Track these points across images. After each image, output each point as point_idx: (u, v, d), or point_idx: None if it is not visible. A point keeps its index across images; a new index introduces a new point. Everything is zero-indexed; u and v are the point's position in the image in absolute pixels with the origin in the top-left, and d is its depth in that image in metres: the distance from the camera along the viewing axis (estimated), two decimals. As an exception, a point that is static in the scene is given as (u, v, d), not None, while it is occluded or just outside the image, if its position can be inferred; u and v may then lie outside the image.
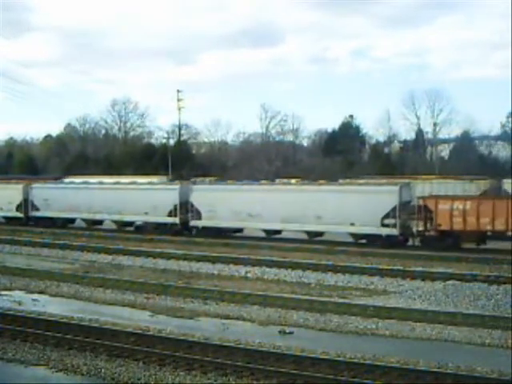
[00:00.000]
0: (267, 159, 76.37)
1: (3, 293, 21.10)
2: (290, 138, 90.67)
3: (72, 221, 42.76)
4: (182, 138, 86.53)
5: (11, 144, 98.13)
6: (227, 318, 17.62)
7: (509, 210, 28.66)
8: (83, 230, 39.49)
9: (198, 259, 27.24)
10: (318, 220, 32.29)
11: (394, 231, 30.88)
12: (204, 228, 35.95)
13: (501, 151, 76.28)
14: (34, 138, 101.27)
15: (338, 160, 72.16)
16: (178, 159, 73.58)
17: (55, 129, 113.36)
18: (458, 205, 29.85)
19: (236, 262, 26.37)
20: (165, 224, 37.14)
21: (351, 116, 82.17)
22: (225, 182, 44.40)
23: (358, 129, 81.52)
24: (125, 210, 38.50)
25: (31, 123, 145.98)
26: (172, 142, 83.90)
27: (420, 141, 78.37)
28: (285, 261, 26.31)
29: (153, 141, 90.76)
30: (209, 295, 20.09)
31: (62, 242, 33.55)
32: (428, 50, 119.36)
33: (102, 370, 12.72)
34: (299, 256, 27.80)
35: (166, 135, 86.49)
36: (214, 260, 26.91)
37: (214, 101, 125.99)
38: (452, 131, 78.65)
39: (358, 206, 31.26)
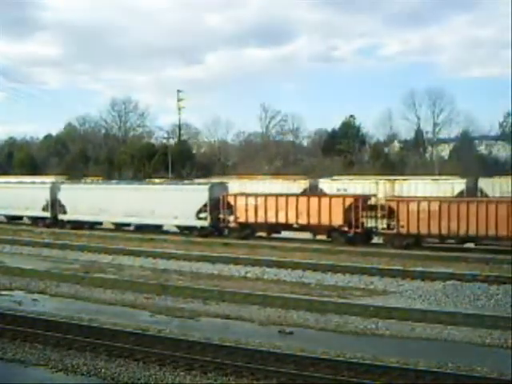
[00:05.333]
0: (267, 159, 76.47)
1: (3, 293, 21.10)
2: (290, 137, 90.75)
3: None
4: (182, 138, 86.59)
5: (11, 143, 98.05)
6: (227, 317, 17.62)
7: (288, 205, 33.55)
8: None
9: (198, 259, 27.25)
10: (152, 214, 37.46)
11: (206, 223, 35.89)
12: (69, 221, 41.09)
13: (501, 151, 76.22)
14: (33, 138, 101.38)
15: (337, 160, 72.16)
16: (178, 159, 73.69)
17: (55, 129, 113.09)
18: (251, 201, 34.85)
19: (236, 261, 26.38)
20: (40, 218, 42.41)
21: (352, 116, 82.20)
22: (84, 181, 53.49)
23: (358, 129, 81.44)
24: (12, 206, 43.70)
25: (31, 123, 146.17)
26: (172, 141, 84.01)
27: (420, 140, 78.33)
28: (285, 261, 26.30)
29: (153, 141, 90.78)
30: (209, 295, 20.09)
31: (61, 241, 33.58)
32: (435, 48, 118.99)
33: (102, 370, 12.72)
34: (299, 256, 27.80)
35: (166, 135, 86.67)
36: (213, 260, 26.93)
37: (215, 100, 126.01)
38: (452, 131, 78.80)
39: (179, 202, 36.27)
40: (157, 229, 38.48)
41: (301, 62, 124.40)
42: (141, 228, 38.54)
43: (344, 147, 74.89)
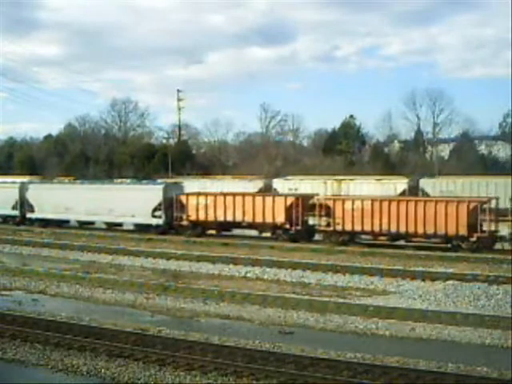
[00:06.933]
0: (267, 159, 76.40)
1: (3, 293, 21.12)
2: (290, 137, 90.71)
3: None
4: (182, 138, 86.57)
5: (11, 143, 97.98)
6: (227, 318, 17.63)
7: (235, 204, 34.72)
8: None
9: (198, 259, 27.25)
10: (111, 213, 38.88)
11: (160, 221, 37.38)
12: (37, 219, 42.49)
13: (501, 151, 76.18)
14: (33, 138, 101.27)
15: (338, 160, 72.11)
16: (178, 159, 73.70)
17: (55, 129, 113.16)
18: (202, 200, 35.98)
19: (236, 261, 26.38)
20: (10, 216, 44.25)
21: (352, 116, 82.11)
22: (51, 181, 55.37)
23: (358, 129, 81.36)
24: None
25: (31, 123, 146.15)
26: (172, 141, 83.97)
27: (420, 141, 78.29)
28: (285, 261, 26.30)
29: (153, 141, 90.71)
30: (209, 295, 20.10)
31: (61, 242, 33.58)
32: (437, 48, 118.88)
33: (102, 370, 12.71)
34: (299, 256, 27.80)
35: (166, 135, 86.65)
36: (213, 260, 26.92)
37: (215, 100, 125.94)
38: (452, 131, 78.78)
39: (136, 201, 37.74)
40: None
41: (301, 62, 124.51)
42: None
43: (344, 147, 74.84)
